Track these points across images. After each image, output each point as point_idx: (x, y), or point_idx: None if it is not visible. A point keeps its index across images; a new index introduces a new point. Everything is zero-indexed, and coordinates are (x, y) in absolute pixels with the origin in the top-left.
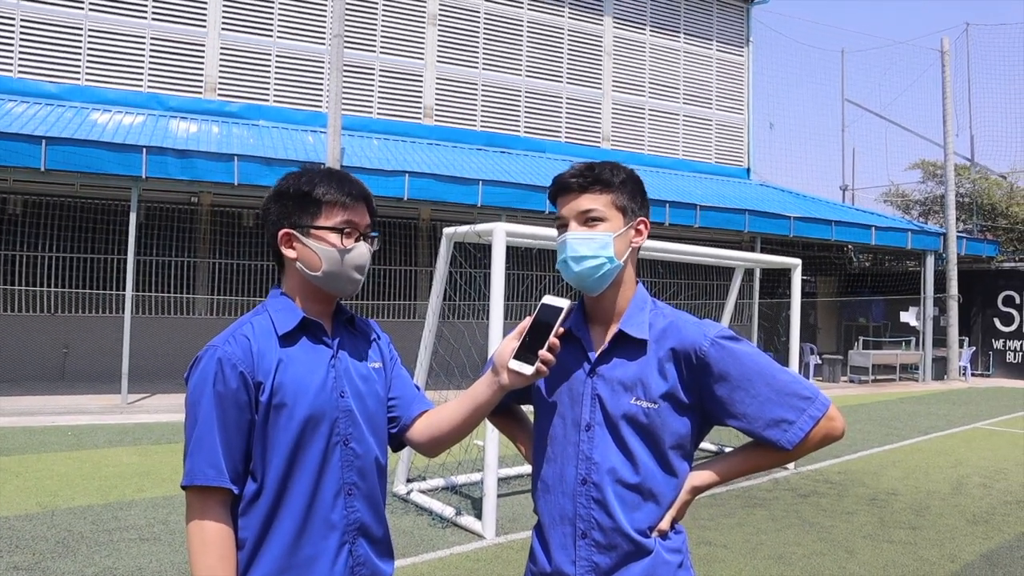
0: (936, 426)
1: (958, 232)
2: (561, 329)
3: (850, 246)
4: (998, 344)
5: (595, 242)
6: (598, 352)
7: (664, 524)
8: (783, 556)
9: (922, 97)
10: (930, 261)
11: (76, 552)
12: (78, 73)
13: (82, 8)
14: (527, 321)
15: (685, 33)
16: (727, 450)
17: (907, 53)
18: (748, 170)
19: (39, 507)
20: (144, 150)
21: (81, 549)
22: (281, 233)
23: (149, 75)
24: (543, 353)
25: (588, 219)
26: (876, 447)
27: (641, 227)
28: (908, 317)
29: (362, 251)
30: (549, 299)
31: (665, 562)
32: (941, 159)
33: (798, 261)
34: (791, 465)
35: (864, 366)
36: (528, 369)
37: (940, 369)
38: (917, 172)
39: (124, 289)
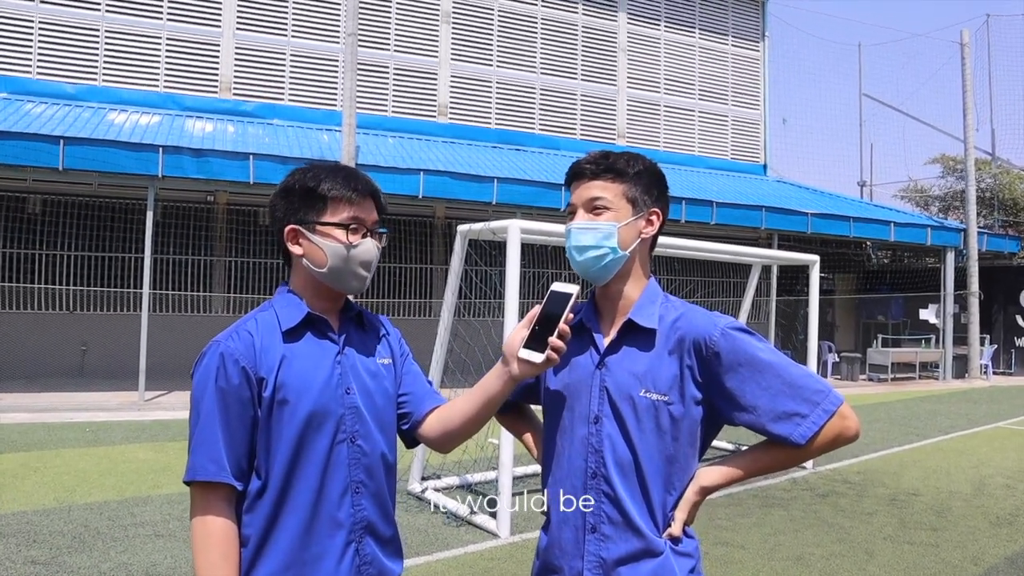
0: (957, 425)
1: (979, 228)
2: (571, 315)
3: (868, 243)
4: (1020, 342)
5: (598, 232)
6: (607, 343)
7: (675, 529)
8: (802, 557)
9: (941, 91)
10: (950, 257)
11: (92, 547)
12: (95, 74)
13: (99, 10)
14: (536, 309)
15: (700, 28)
16: (743, 449)
17: (926, 46)
18: (765, 166)
19: (56, 502)
20: (160, 149)
21: (97, 544)
22: (288, 229)
23: (165, 75)
24: (553, 340)
25: (594, 207)
26: (896, 447)
27: (653, 218)
28: (928, 314)
29: (368, 247)
30: (558, 286)
31: (675, 565)
32: (961, 154)
33: (816, 258)
34: (809, 464)
35: (883, 364)
36: (538, 357)
37: (961, 367)
38: (937, 167)
39: (141, 287)
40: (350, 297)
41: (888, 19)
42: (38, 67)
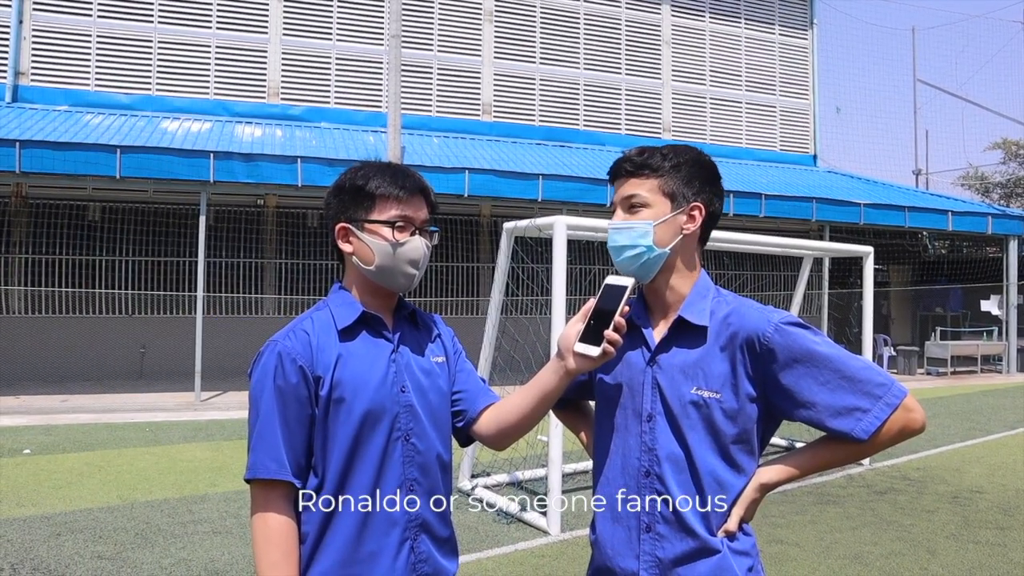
0: (1023, 420)
1: None
2: (626, 308)
3: (925, 233)
4: None
5: (633, 231)
6: (658, 340)
7: (731, 524)
8: (859, 556)
9: (1002, 73)
10: (1013, 246)
11: (154, 543)
12: (149, 84)
13: (151, 21)
14: (591, 303)
15: (746, 18)
16: (798, 445)
17: (984, 27)
18: (815, 157)
19: (120, 500)
20: (212, 155)
21: (158, 541)
22: (338, 227)
23: (215, 82)
24: (609, 333)
25: (631, 205)
26: (957, 442)
27: (695, 213)
28: (989, 306)
29: (416, 245)
30: (612, 279)
31: (733, 564)
32: (1023, 138)
33: (870, 249)
34: (866, 461)
35: (942, 357)
36: (594, 351)
37: None
38: (997, 153)
39: (196, 290)
40: (403, 296)
41: (943, 1)
42: (96, 79)
